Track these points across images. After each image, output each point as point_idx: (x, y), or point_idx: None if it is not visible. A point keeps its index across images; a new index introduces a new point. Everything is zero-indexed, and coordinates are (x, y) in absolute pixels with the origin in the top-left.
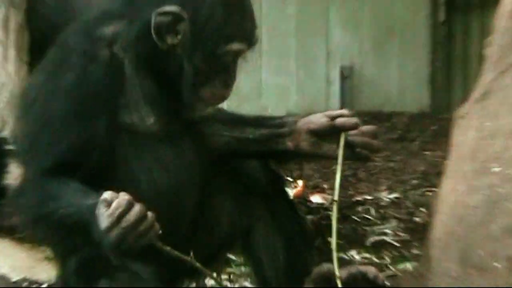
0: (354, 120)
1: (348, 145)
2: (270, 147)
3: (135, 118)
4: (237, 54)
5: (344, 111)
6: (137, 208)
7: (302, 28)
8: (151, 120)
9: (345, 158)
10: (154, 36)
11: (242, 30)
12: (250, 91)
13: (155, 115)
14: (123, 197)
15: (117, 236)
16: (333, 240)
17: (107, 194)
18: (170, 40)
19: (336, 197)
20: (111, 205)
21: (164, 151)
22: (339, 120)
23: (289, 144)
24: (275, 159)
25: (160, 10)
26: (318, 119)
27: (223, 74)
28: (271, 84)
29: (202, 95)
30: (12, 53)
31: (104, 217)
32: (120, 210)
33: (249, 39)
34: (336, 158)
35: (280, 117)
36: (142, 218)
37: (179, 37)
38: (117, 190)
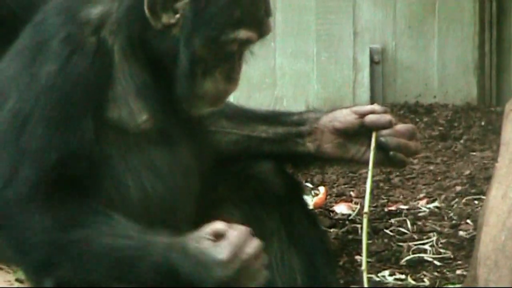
0: (387, 117)
1: (380, 147)
2: (286, 149)
3: (124, 114)
4: (244, 43)
5: (375, 107)
6: (254, 240)
7: (324, 3)
8: (143, 117)
9: (376, 163)
10: (147, 12)
11: (252, 15)
12: (262, 78)
13: (147, 110)
14: (239, 227)
15: (236, 270)
16: (363, 259)
17: (217, 225)
18: (166, 18)
19: (366, 209)
20: (226, 235)
21: (157, 153)
22: (370, 118)
23: (310, 145)
24: (292, 163)
25: None
26: (345, 116)
27: (226, 65)
28: (287, 70)
29: (201, 89)
30: None
31: (220, 249)
32: (239, 240)
33: (260, 26)
34: (365, 163)
35: (299, 113)
36: (259, 252)
37: (177, 16)
38: (103, 199)
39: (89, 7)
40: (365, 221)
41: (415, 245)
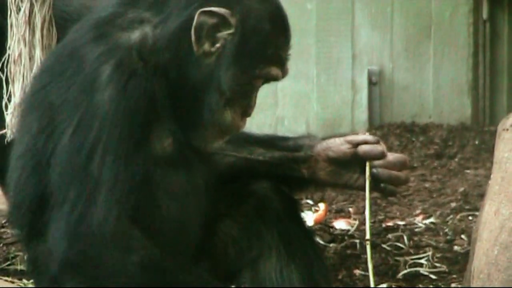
0: (379, 148)
1: (372, 177)
2: (282, 172)
3: (154, 137)
4: (270, 80)
5: (368, 137)
6: None
7: (324, 26)
8: (168, 141)
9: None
10: (193, 36)
11: (282, 54)
12: (264, 99)
13: (171, 134)
14: None
15: None
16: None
17: None
18: (207, 46)
19: (368, 236)
20: None
21: (174, 174)
22: (363, 148)
23: (304, 171)
24: (287, 186)
25: (206, 9)
26: (338, 146)
27: (246, 100)
28: (288, 91)
29: (220, 120)
30: (38, 53)
31: None
32: None
33: (284, 66)
34: (358, 189)
35: (295, 138)
36: None
37: (217, 45)
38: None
39: (127, 31)
40: (369, 249)
41: (412, 259)
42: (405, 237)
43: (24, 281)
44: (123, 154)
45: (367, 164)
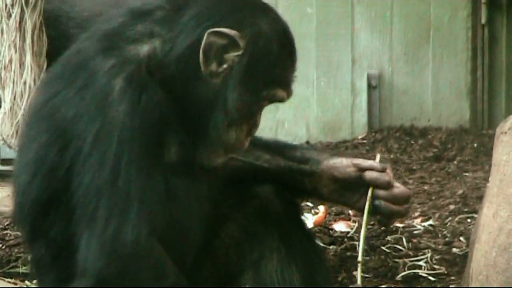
0: (386, 178)
1: (373, 206)
2: (285, 181)
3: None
4: (275, 101)
5: (375, 164)
6: None
7: (324, 30)
8: (174, 149)
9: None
10: (201, 57)
11: (288, 76)
12: None
13: (177, 143)
14: None
15: None
16: None
17: None
18: (214, 66)
19: (360, 258)
20: None
21: (178, 182)
22: (370, 175)
23: (307, 184)
24: (289, 193)
25: (215, 30)
26: (344, 168)
27: (252, 119)
28: None
29: (225, 139)
30: (28, 59)
31: None
32: None
33: (290, 88)
34: (357, 209)
35: (302, 149)
36: None
37: (224, 66)
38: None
39: (136, 44)
40: (359, 271)
41: (411, 261)
42: (404, 239)
43: (27, 282)
44: (146, 168)
45: (370, 190)
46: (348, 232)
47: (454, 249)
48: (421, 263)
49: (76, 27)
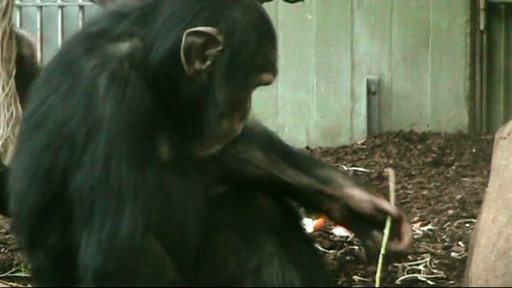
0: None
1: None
2: (302, 197)
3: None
4: (263, 85)
5: (392, 211)
6: None
7: (324, 36)
8: (165, 148)
9: (366, 248)
10: (182, 58)
11: (271, 59)
12: (265, 107)
13: (168, 142)
14: None
15: None
16: None
17: None
18: (198, 64)
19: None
20: None
21: (172, 180)
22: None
23: (323, 204)
24: (300, 205)
25: (192, 30)
26: (361, 201)
27: (242, 106)
28: (288, 100)
29: (218, 130)
30: None
31: None
32: None
33: (275, 69)
34: (362, 240)
35: (330, 169)
36: None
37: (208, 62)
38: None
39: (116, 42)
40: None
41: (410, 265)
42: None
43: (29, 286)
44: (137, 163)
45: (387, 226)
46: (347, 237)
47: (453, 254)
48: (420, 267)
49: None
